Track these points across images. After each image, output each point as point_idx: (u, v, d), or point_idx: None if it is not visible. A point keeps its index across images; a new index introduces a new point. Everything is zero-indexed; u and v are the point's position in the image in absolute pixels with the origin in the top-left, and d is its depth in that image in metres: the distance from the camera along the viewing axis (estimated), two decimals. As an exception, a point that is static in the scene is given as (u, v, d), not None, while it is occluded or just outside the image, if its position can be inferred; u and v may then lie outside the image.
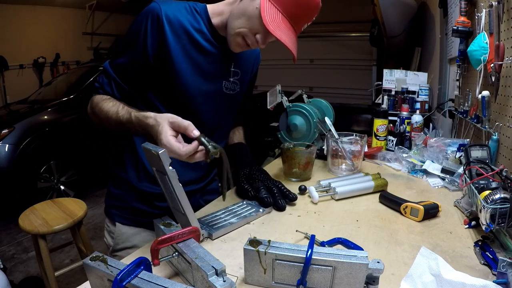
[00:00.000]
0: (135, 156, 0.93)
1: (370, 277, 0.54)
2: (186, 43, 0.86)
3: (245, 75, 1.03)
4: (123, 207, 0.97)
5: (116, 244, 0.98)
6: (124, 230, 0.97)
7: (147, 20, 0.81)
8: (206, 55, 0.90)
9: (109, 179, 1.02)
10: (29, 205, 1.88)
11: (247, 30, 0.81)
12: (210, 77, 0.92)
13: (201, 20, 0.88)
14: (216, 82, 0.95)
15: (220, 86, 0.96)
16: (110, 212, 1.00)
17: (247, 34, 0.82)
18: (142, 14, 0.82)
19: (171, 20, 0.83)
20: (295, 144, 1.19)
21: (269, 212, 0.89)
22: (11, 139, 2.92)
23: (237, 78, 0.99)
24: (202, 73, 0.90)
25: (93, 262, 0.53)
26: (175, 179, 0.61)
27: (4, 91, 5.14)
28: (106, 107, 0.83)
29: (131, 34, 0.84)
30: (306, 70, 5.68)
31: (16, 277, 2.20)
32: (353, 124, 2.88)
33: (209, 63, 0.91)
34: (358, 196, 1.00)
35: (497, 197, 0.68)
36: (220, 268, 0.51)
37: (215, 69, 0.93)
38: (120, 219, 0.98)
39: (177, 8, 0.85)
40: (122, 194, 0.97)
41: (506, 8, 0.95)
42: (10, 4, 4.95)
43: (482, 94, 1.02)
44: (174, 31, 0.83)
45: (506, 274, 0.56)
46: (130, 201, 0.96)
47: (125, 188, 0.96)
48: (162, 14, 0.81)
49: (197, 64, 0.89)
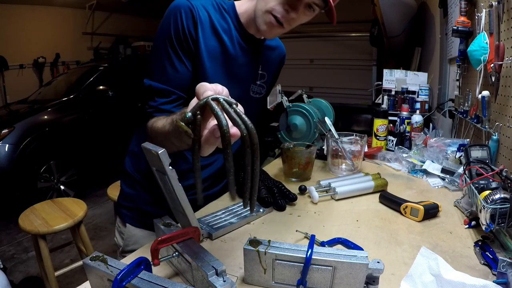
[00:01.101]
0: None
1: (370, 277, 0.54)
2: (215, 45, 0.81)
3: (270, 77, 1.00)
4: (134, 208, 0.95)
5: (126, 246, 0.97)
6: (134, 232, 0.96)
7: (180, 15, 0.74)
8: (234, 58, 0.85)
9: (122, 177, 0.99)
10: (29, 205, 1.88)
11: (275, 3, 0.75)
12: (239, 81, 0.88)
13: (230, 19, 0.83)
14: (244, 86, 0.91)
15: (248, 90, 0.92)
16: (121, 212, 0.98)
17: (275, 7, 0.75)
18: (170, 11, 0.75)
19: (202, 19, 0.78)
20: (295, 144, 1.19)
21: (270, 212, 0.89)
22: (11, 139, 2.93)
23: (263, 81, 0.96)
24: (231, 77, 0.86)
25: (93, 262, 0.53)
26: (175, 179, 0.61)
27: (4, 91, 5.14)
28: (157, 126, 0.71)
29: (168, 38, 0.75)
30: (306, 70, 5.69)
31: (16, 277, 2.20)
32: (353, 124, 2.88)
33: (238, 67, 0.86)
34: (358, 196, 1.00)
35: (497, 197, 0.68)
36: (220, 268, 0.51)
37: (244, 72, 0.89)
38: (131, 221, 0.96)
39: (205, 5, 0.80)
40: (134, 195, 0.95)
41: (506, 8, 0.95)
42: (10, 4, 4.95)
43: (482, 94, 1.02)
44: (204, 31, 0.78)
45: (506, 274, 0.56)
46: (141, 203, 0.94)
47: (138, 189, 0.94)
48: (195, 9, 0.75)
49: (226, 67, 0.84)
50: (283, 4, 0.75)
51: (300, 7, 0.77)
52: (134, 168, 0.95)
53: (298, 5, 0.76)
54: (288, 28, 0.80)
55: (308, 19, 0.82)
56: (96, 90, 3.72)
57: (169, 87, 0.77)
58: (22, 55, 5.29)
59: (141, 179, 0.93)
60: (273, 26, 0.78)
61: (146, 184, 0.92)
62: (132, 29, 6.81)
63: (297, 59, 5.54)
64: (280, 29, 0.79)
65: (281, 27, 0.79)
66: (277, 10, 0.76)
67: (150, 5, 5.79)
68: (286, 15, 0.76)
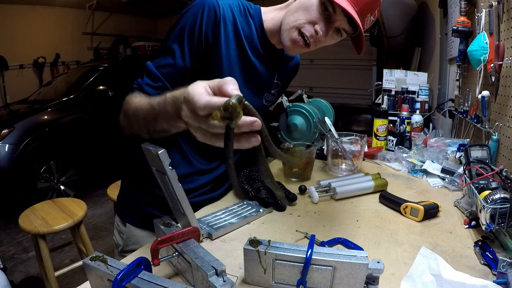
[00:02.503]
0: None
1: (370, 277, 0.54)
2: (235, 48, 0.78)
3: (282, 86, 0.98)
4: (135, 208, 0.94)
5: (126, 245, 0.96)
6: (135, 232, 0.94)
7: (202, 12, 0.70)
8: (252, 65, 0.82)
9: (124, 176, 0.98)
10: (29, 205, 1.88)
11: (304, 21, 0.71)
12: (255, 89, 0.86)
13: (253, 25, 0.80)
14: (259, 94, 0.89)
15: (261, 98, 0.90)
16: (122, 212, 0.97)
17: (304, 25, 0.71)
18: (194, 5, 0.72)
19: (226, 19, 0.74)
20: (295, 144, 1.19)
21: (270, 212, 0.89)
22: (11, 139, 2.93)
23: (277, 90, 0.95)
24: (247, 83, 0.83)
25: (93, 262, 0.53)
26: (175, 179, 0.61)
27: (4, 91, 5.14)
28: (137, 100, 0.69)
29: (180, 29, 0.72)
30: (306, 70, 5.68)
31: (16, 277, 2.20)
32: (353, 124, 2.88)
33: (255, 74, 0.84)
34: (358, 196, 1.00)
35: (497, 197, 0.68)
36: (220, 268, 0.51)
37: (260, 80, 0.87)
38: (131, 220, 0.95)
39: (232, 6, 0.76)
40: (135, 194, 0.94)
41: (506, 8, 0.95)
42: (10, 4, 4.95)
43: (482, 94, 1.02)
44: (227, 31, 0.75)
45: (506, 274, 0.56)
46: (142, 203, 0.92)
47: (140, 188, 0.92)
48: (220, 9, 0.72)
49: (244, 72, 0.81)
50: (313, 24, 0.72)
51: (330, 31, 0.73)
52: (135, 167, 0.94)
53: (329, 28, 0.73)
54: (313, 48, 0.76)
55: (333, 42, 0.78)
56: (96, 90, 3.72)
57: (160, 74, 0.75)
58: (22, 55, 5.30)
59: (143, 179, 0.92)
60: (298, 44, 0.75)
61: (147, 184, 0.91)
62: (132, 29, 6.81)
63: (297, 59, 5.54)
64: (304, 48, 0.76)
65: (306, 47, 0.75)
66: (307, 29, 0.72)
67: (150, 5, 5.80)
68: (315, 35, 0.73)
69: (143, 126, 0.66)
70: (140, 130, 0.68)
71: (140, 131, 0.68)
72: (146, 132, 0.66)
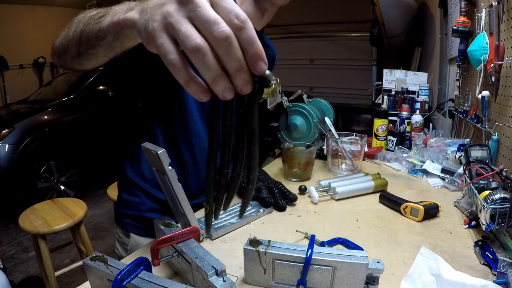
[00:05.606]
0: None
1: (370, 277, 0.54)
2: None
3: None
4: (137, 216, 0.89)
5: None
6: (139, 241, 0.90)
7: None
8: None
9: (121, 184, 0.93)
10: (29, 205, 1.88)
11: None
12: None
13: None
14: None
15: None
16: (123, 222, 0.91)
17: None
18: None
19: None
20: (295, 144, 1.19)
21: (270, 212, 0.89)
22: (11, 139, 2.93)
23: None
24: None
25: (93, 262, 0.53)
26: (175, 179, 0.61)
27: (4, 91, 5.15)
28: (77, 18, 0.57)
29: None
30: (306, 70, 5.68)
31: (16, 277, 2.20)
32: (353, 124, 2.88)
33: None
34: (358, 196, 1.00)
35: (497, 197, 0.68)
36: (220, 268, 0.51)
37: None
38: (134, 229, 0.90)
39: None
40: (136, 202, 0.89)
41: (506, 8, 0.95)
42: (10, 4, 4.95)
43: (482, 94, 1.02)
44: None
45: (506, 274, 0.56)
46: (144, 210, 0.88)
47: (140, 196, 0.88)
48: None
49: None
50: None
51: None
52: (135, 173, 0.90)
53: None
54: None
55: None
56: (96, 90, 3.72)
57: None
58: (22, 55, 5.30)
59: (143, 184, 0.88)
60: None
61: (149, 190, 0.88)
62: (132, 29, 6.80)
63: (297, 59, 5.53)
64: None
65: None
66: None
67: (150, 5, 5.79)
68: None
69: (78, 35, 0.54)
70: (72, 44, 0.56)
71: (71, 48, 0.57)
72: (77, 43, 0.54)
